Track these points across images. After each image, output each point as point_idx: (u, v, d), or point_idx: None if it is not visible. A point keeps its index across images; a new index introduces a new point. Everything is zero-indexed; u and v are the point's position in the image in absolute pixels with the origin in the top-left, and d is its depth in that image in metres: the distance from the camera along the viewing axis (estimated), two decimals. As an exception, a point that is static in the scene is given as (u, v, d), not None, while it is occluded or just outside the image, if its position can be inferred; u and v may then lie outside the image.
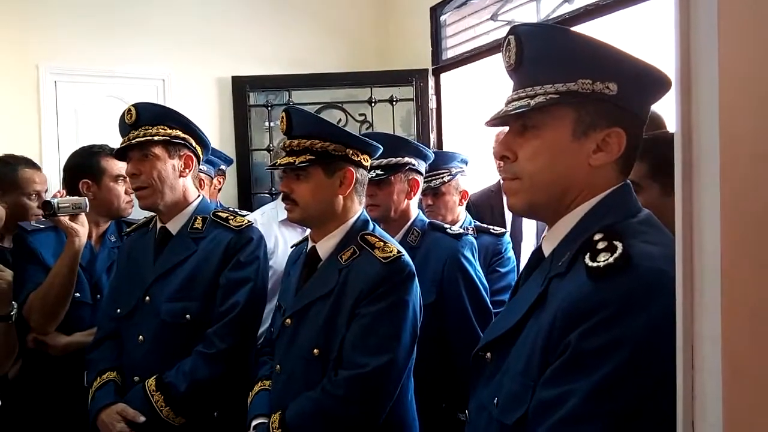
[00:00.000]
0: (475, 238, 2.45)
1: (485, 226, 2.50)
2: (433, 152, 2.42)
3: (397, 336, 1.42)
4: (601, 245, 0.86)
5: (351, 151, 1.52)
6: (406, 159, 1.96)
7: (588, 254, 0.86)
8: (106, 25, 3.25)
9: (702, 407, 0.64)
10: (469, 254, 1.93)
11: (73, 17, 3.18)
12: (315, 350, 1.44)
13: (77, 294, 2.02)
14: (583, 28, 2.63)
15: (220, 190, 2.86)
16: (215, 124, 3.57)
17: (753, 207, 0.60)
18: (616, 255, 0.83)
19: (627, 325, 0.79)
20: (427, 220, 2.06)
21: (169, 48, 3.41)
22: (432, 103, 3.57)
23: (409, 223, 2.02)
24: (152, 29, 3.36)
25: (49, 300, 1.92)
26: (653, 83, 0.94)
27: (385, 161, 1.93)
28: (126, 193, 2.10)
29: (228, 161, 2.97)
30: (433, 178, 2.28)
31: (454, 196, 2.33)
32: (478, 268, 1.97)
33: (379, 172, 1.93)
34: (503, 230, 2.45)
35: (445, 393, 1.91)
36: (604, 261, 0.83)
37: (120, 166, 2.05)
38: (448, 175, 2.28)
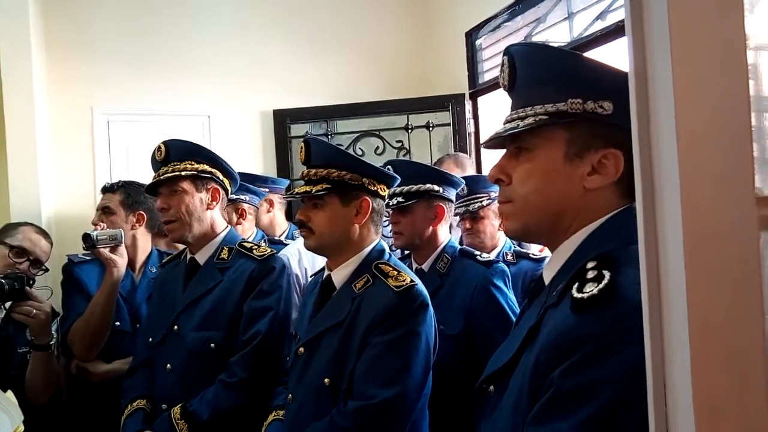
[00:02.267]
0: (515, 263, 2.40)
1: (525, 251, 2.44)
2: (472, 176, 2.40)
3: (407, 368, 1.39)
4: (590, 274, 0.82)
5: (368, 181, 1.53)
6: (428, 186, 1.95)
7: (577, 284, 0.82)
8: (153, 68, 3.44)
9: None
10: (500, 283, 1.86)
11: (123, 62, 3.39)
12: (326, 380, 1.43)
13: (117, 323, 2.11)
14: (615, 45, 2.57)
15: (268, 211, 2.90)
16: (259, 156, 3.68)
17: (714, 226, 0.57)
18: (600, 286, 0.79)
19: (610, 363, 0.74)
20: (458, 247, 2.01)
21: (213, 85, 3.56)
22: (470, 127, 3.55)
23: (438, 250, 1.98)
24: (196, 69, 3.53)
25: (90, 329, 2.01)
26: None
27: (406, 188, 1.93)
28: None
29: (278, 183, 3.02)
30: (472, 201, 2.25)
31: (493, 221, 2.29)
32: (511, 297, 1.88)
33: (400, 199, 1.94)
34: (544, 255, 2.38)
35: (464, 427, 1.84)
36: (588, 292, 0.79)
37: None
38: (487, 199, 2.24)
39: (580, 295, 0.79)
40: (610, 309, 0.77)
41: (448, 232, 2.05)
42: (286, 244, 2.75)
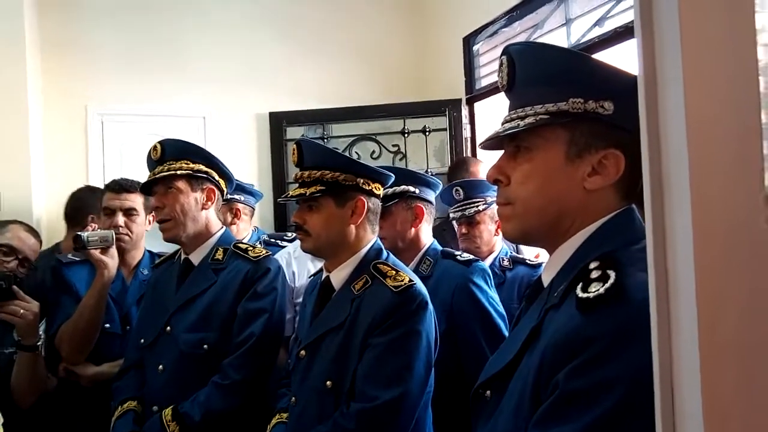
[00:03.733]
0: (511, 269, 2.39)
1: (521, 256, 2.43)
2: (469, 181, 2.40)
3: (409, 367, 1.38)
4: (594, 274, 0.80)
5: (362, 181, 1.52)
6: (403, 187, 1.93)
7: (581, 284, 0.80)
8: (149, 68, 3.42)
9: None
10: (480, 281, 1.87)
11: (119, 61, 3.37)
12: (328, 382, 1.42)
13: (107, 325, 2.07)
14: (614, 51, 2.57)
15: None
16: (254, 159, 3.66)
17: (726, 224, 0.56)
18: (607, 285, 0.77)
19: (617, 365, 0.72)
20: (440, 248, 2.01)
21: (209, 87, 3.55)
22: (466, 133, 3.55)
23: (421, 252, 1.98)
24: (192, 70, 3.51)
25: (78, 331, 1.98)
26: None
27: (398, 190, 1.93)
28: (114, 226, 2.12)
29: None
30: (468, 206, 2.24)
31: (489, 226, 2.29)
32: (493, 295, 1.90)
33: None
34: (540, 261, 2.37)
35: (462, 425, 1.83)
36: (594, 291, 0.77)
37: (107, 198, 2.16)
38: (483, 204, 2.24)
39: (585, 295, 0.78)
40: (618, 309, 0.75)
41: (430, 235, 2.04)
42: (283, 246, 2.73)
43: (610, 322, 0.75)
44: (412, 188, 1.94)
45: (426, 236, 2.00)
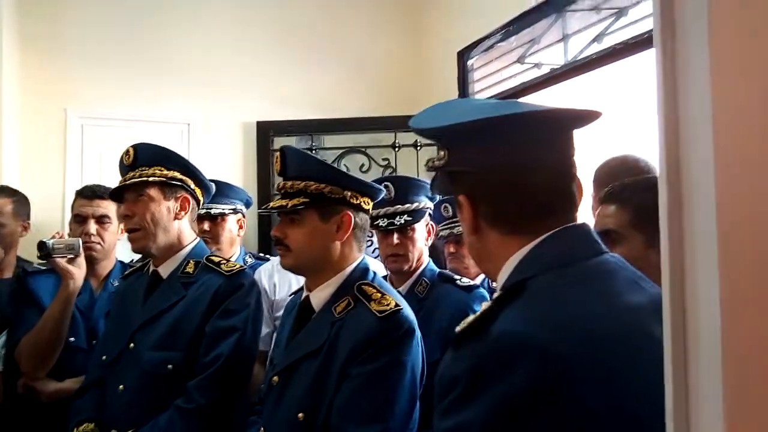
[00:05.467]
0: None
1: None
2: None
3: (390, 402, 1.26)
4: (483, 306, 0.80)
5: (349, 194, 1.42)
6: (425, 201, 1.88)
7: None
8: (132, 71, 3.32)
9: None
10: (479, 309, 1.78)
11: (101, 63, 3.27)
12: (300, 414, 1.29)
13: (72, 338, 1.96)
14: (613, 68, 2.50)
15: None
16: (239, 169, 3.55)
17: (748, 223, 0.46)
18: (470, 319, 0.77)
19: (476, 404, 0.70)
20: (437, 271, 1.92)
21: (195, 93, 3.45)
22: (458, 148, 3.47)
23: (418, 273, 1.89)
24: (178, 75, 3.41)
25: (40, 344, 1.86)
26: (502, 130, 0.85)
27: (412, 206, 1.84)
28: (86, 233, 2.03)
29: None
30: (456, 224, 2.14)
31: None
32: None
33: (407, 218, 1.84)
34: None
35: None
36: (462, 326, 0.77)
37: (78, 204, 2.07)
38: None
39: (458, 329, 0.77)
40: (478, 343, 0.73)
41: (427, 254, 1.96)
42: (267, 260, 2.61)
43: (469, 358, 0.72)
44: (430, 203, 1.92)
45: (426, 256, 1.94)
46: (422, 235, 1.91)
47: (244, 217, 2.54)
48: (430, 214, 1.96)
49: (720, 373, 0.46)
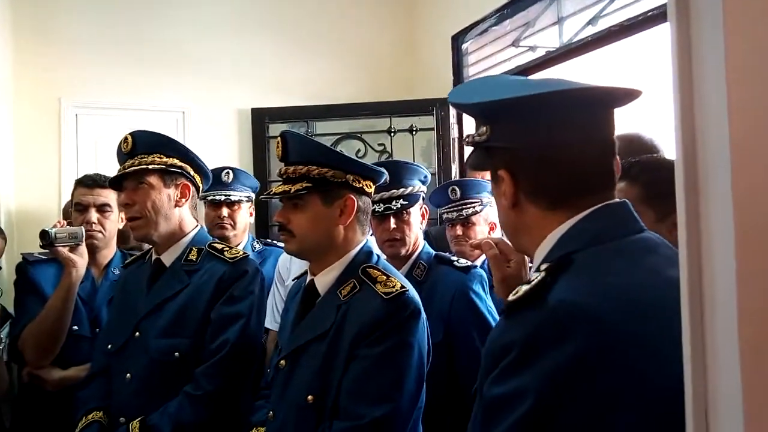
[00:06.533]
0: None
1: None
2: (465, 180, 2.32)
3: (399, 383, 1.27)
4: (532, 276, 0.82)
5: (352, 178, 1.42)
6: (419, 185, 1.89)
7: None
8: (126, 59, 3.29)
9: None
10: (478, 288, 1.80)
11: (95, 51, 3.24)
12: (309, 397, 1.31)
13: (75, 327, 1.97)
14: (608, 50, 2.51)
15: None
16: (234, 156, 3.54)
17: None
18: (526, 287, 0.78)
19: (531, 372, 0.72)
20: (433, 253, 1.93)
21: (189, 80, 3.43)
22: (454, 132, 3.47)
23: (415, 256, 1.90)
24: (172, 62, 3.39)
25: (43, 333, 1.87)
26: (541, 107, 0.87)
27: (407, 190, 1.85)
28: (87, 222, 2.02)
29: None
30: (464, 207, 2.15)
31: (484, 227, 2.21)
32: (490, 303, 1.82)
33: (403, 202, 1.85)
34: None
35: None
36: (516, 294, 0.78)
37: (79, 193, 2.05)
38: (480, 205, 2.16)
39: (511, 298, 0.78)
40: (534, 311, 0.75)
41: (422, 237, 1.98)
42: (281, 247, 2.61)
43: (525, 325, 0.74)
44: (423, 187, 1.92)
45: (421, 239, 1.95)
46: (417, 218, 1.91)
47: (252, 203, 2.57)
48: (423, 197, 1.97)
49: (736, 336, 0.48)
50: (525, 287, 0.76)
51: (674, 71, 0.54)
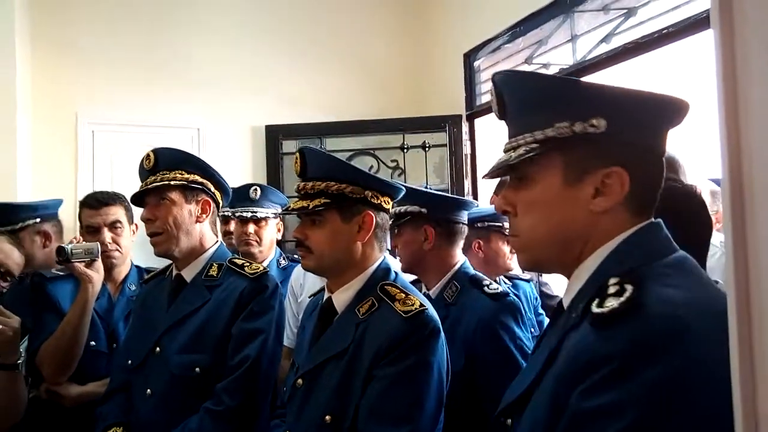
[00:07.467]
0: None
1: (513, 274, 2.40)
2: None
3: (419, 403, 1.25)
4: (612, 290, 0.77)
5: (370, 194, 1.41)
6: (414, 207, 1.83)
7: (597, 300, 0.77)
8: (143, 76, 3.34)
9: None
10: (508, 320, 1.69)
11: (112, 68, 3.28)
12: (327, 417, 1.28)
13: (92, 342, 1.97)
14: (621, 68, 2.52)
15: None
16: (249, 172, 3.57)
17: None
18: (622, 299, 0.73)
19: (631, 384, 0.68)
20: (471, 272, 1.84)
21: (204, 98, 3.47)
22: (466, 149, 3.49)
23: (449, 275, 1.82)
24: (188, 80, 3.43)
25: (61, 349, 1.87)
26: (658, 110, 0.85)
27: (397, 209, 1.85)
28: (102, 243, 2.00)
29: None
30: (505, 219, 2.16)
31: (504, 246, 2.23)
32: (521, 334, 1.70)
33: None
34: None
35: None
36: (608, 306, 0.74)
37: (87, 216, 2.05)
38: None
39: (599, 310, 0.75)
40: (633, 324, 0.71)
41: (461, 254, 1.88)
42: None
43: (624, 338, 0.71)
44: (424, 210, 1.85)
45: (456, 256, 1.86)
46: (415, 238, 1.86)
47: (282, 220, 2.61)
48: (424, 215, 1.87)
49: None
50: (617, 300, 0.74)
51: (719, 82, 0.53)
